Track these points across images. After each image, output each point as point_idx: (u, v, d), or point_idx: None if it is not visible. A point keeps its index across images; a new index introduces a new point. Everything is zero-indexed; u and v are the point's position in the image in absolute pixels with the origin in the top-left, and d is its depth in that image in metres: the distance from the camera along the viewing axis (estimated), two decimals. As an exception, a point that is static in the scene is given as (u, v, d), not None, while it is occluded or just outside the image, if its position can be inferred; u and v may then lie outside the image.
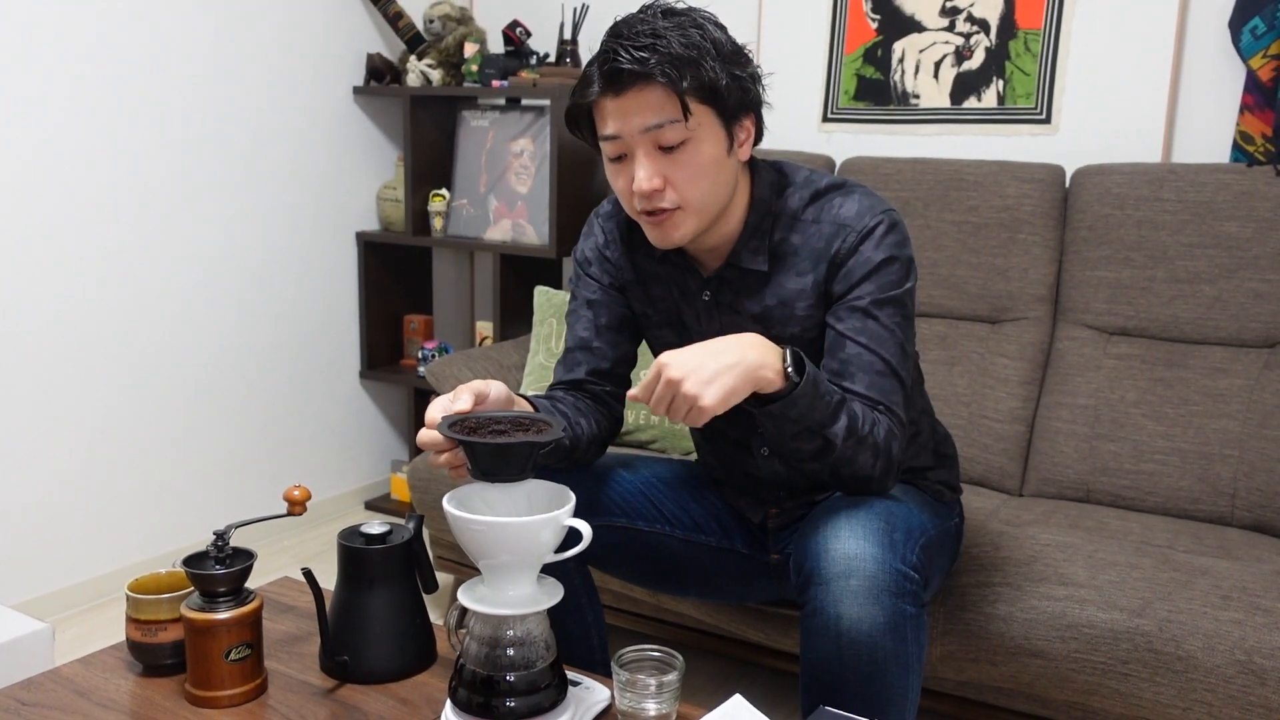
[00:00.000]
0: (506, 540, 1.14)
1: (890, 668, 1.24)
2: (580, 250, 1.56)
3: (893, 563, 1.24)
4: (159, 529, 2.65)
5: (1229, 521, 1.98)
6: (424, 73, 2.95)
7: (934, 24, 2.52)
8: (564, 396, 1.48)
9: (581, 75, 1.34)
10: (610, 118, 1.31)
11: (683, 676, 1.21)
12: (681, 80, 1.26)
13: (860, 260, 1.36)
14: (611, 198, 1.54)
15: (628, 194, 1.35)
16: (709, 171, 1.32)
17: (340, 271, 3.06)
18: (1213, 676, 1.54)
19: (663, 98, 1.28)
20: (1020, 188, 2.26)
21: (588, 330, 1.52)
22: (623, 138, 1.31)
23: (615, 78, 1.28)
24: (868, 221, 1.37)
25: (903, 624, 1.24)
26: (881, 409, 1.33)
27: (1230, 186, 2.09)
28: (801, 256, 1.40)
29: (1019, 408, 2.19)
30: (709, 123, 1.31)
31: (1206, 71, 2.27)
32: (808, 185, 1.42)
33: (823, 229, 1.39)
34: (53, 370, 2.39)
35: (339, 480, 3.14)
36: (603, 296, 1.53)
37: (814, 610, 1.26)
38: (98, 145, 2.42)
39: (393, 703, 1.27)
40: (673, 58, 1.26)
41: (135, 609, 1.32)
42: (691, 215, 1.34)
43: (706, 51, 1.28)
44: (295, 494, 1.31)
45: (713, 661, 2.23)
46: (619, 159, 1.34)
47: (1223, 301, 2.08)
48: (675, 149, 1.30)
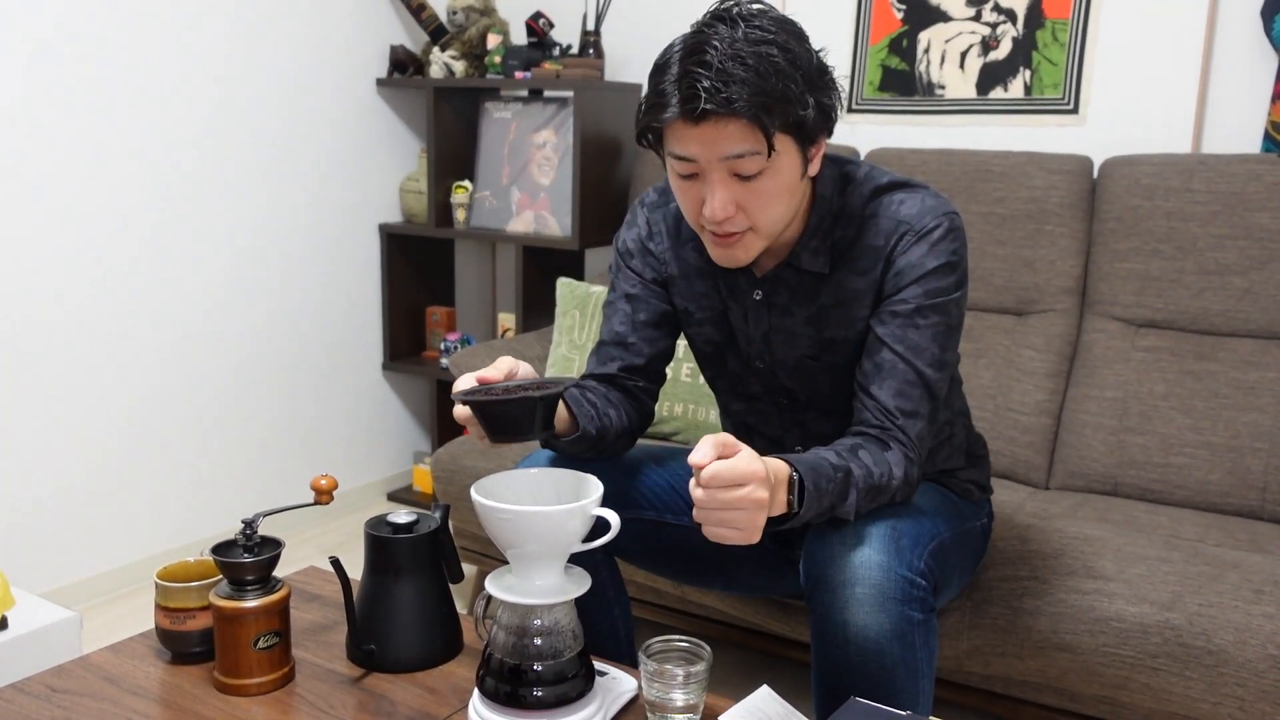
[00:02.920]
0: (534, 529, 1.14)
1: (898, 673, 1.24)
2: (622, 240, 1.52)
3: (898, 569, 1.24)
4: (186, 519, 2.67)
5: (1259, 515, 1.96)
6: (447, 64, 2.95)
7: (960, 14, 2.50)
8: (595, 387, 1.47)
9: (654, 89, 1.24)
10: (686, 142, 1.24)
11: (710, 667, 1.20)
12: (768, 117, 1.19)
13: (912, 262, 1.32)
14: (658, 186, 1.51)
15: (695, 213, 1.30)
16: (783, 197, 1.28)
17: (363, 264, 3.06)
18: (1244, 671, 1.52)
19: (745, 130, 1.20)
20: (1047, 179, 2.24)
21: (624, 325, 1.49)
22: (698, 161, 1.25)
23: (695, 107, 1.19)
24: (927, 222, 1.33)
25: (909, 631, 1.24)
26: (896, 429, 1.31)
27: (1261, 177, 2.07)
28: (862, 255, 1.36)
29: (1045, 400, 2.18)
30: (788, 150, 1.25)
31: (1237, 61, 2.25)
32: (869, 181, 1.37)
33: (881, 225, 1.34)
34: (82, 361, 2.41)
35: (362, 471, 3.15)
36: (642, 291, 1.50)
37: (822, 616, 1.26)
38: (128, 139, 2.43)
39: (420, 691, 1.28)
40: (760, 93, 1.18)
41: (164, 597, 1.32)
42: (761, 238, 1.30)
43: (793, 81, 1.20)
44: (322, 483, 1.32)
45: (738, 654, 2.22)
46: (689, 177, 1.28)
47: (1253, 293, 2.06)
48: (752, 177, 1.24)
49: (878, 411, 1.32)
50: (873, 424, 1.32)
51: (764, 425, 1.52)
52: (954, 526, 1.42)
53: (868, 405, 1.33)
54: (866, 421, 1.33)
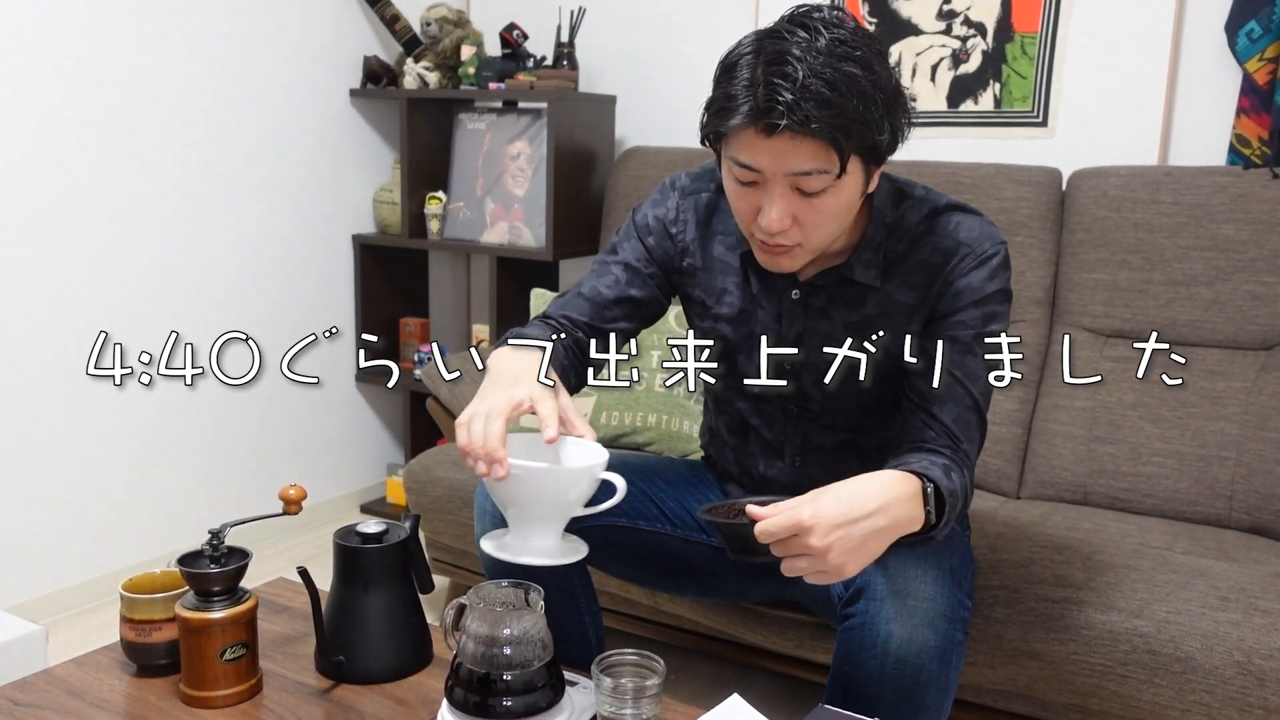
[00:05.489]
0: (540, 489, 1.13)
1: (931, 691, 1.24)
2: (644, 213, 1.48)
3: (952, 589, 1.25)
4: (155, 532, 2.64)
5: (1226, 524, 1.98)
6: (421, 75, 2.94)
7: (931, 27, 2.53)
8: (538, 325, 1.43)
9: (723, 90, 1.19)
10: (755, 152, 1.19)
11: (664, 681, 1.18)
12: (845, 139, 1.15)
13: (971, 285, 1.32)
14: (691, 171, 1.48)
15: (749, 220, 1.27)
16: (841, 215, 1.25)
17: (336, 274, 3.05)
18: (1211, 678, 1.54)
19: (818, 149, 1.16)
20: (1017, 190, 2.26)
21: (611, 290, 1.45)
22: (761, 172, 1.21)
23: (772, 121, 1.14)
24: (987, 248, 1.32)
25: (950, 650, 1.24)
26: (962, 454, 1.30)
27: (1227, 189, 2.09)
28: (915, 270, 1.34)
29: (1016, 410, 2.19)
30: (855, 170, 1.21)
31: (1203, 75, 2.28)
32: (927, 201, 1.36)
33: (939, 243, 1.33)
34: (46, 373, 2.38)
35: (334, 483, 3.13)
36: (645, 268, 1.46)
37: (861, 624, 1.25)
38: (97, 146, 2.41)
39: (388, 703, 1.27)
40: (840, 115, 1.14)
41: (129, 608, 1.31)
42: (809, 252, 1.28)
43: (874, 104, 1.16)
44: (291, 493, 1.31)
45: (710, 664, 2.22)
46: (749, 184, 1.24)
47: (1220, 304, 2.08)
48: (814, 193, 1.20)
49: (943, 433, 1.30)
50: (943, 445, 1.30)
51: (765, 428, 1.50)
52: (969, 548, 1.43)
53: (931, 425, 1.31)
54: (932, 440, 1.30)
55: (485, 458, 1.13)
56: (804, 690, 2.10)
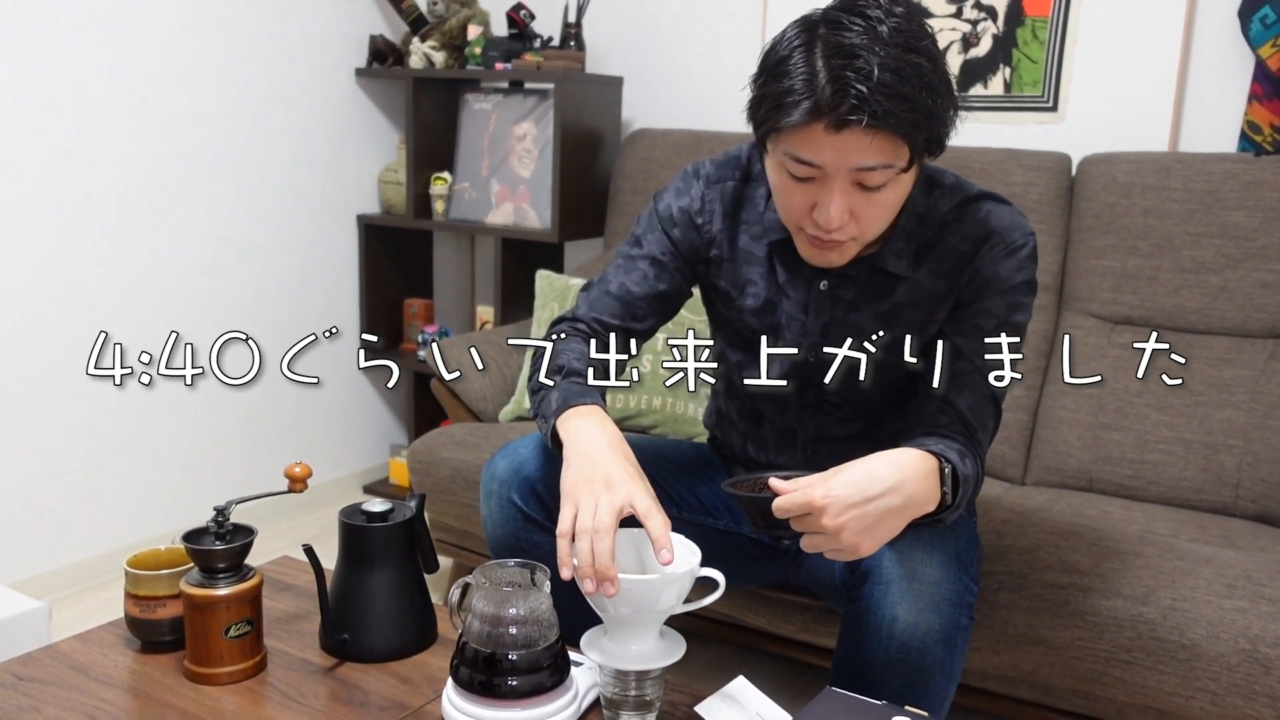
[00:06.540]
0: (648, 598, 1.13)
1: (935, 676, 1.23)
2: (667, 203, 1.44)
3: (958, 574, 1.24)
4: (159, 510, 2.64)
5: (1233, 512, 1.98)
6: (427, 55, 2.93)
7: (941, 10, 2.51)
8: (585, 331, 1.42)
9: (778, 84, 1.14)
10: (818, 148, 1.15)
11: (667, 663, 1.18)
12: (917, 134, 1.13)
13: (999, 274, 1.30)
14: (714, 159, 1.45)
15: (801, 215, 1.23)
16: (896, 208, 1.24)
17: (341, 254, 3.04)
18: (1216, 665, 1.53)
19: (885, 144, 1.13)
20: (1026, 175, 2.25)
21: (640, 287, 1.43)
22: (823, 168, 1.17)
23: (845, 116, 1.10)
24: (1017, 238, 1.31)
25: (955, 635, 1.23)
26: (976, 442, 1.28)
27: (1237, 176, 2.08)
28: (945, 258, 1.33)
29: (1023, 396, 2.18)
30: (917, 163, 1.20)
31: (1215, 60, 2.26)
32: (958, 189, 1.34)
33: (969, 230, 1.32)
34: (52, 350, 2.38)
35: (338, 464, 3.13)
36: (671, 261, 1.43)
37: (867, 608, 1.24)
38: (104, 128, 2.40)
39: (393, 681, 1.26)
40: (915, 110, 1.11)
41: (134, 584, 1.31)
42: (859, 245, 1.27)
43: (941, 98, 1.14)
44: (296, 470, 1.30)
45: (713, 647, 2.22)
46: (805, 180, 1.20)
47: (1229, 291, 2.07)
48: (875, 188, 1.18)
49: (958, 419, 1.28)
50: (957, 431, 1.28)
51: (778, 415, 1.48)
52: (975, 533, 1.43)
53: (946, 411, 1.29)
54: (946, 426, 1.28)
55: (597, 577, 1.12)
56: (807, 674, 2.10)
